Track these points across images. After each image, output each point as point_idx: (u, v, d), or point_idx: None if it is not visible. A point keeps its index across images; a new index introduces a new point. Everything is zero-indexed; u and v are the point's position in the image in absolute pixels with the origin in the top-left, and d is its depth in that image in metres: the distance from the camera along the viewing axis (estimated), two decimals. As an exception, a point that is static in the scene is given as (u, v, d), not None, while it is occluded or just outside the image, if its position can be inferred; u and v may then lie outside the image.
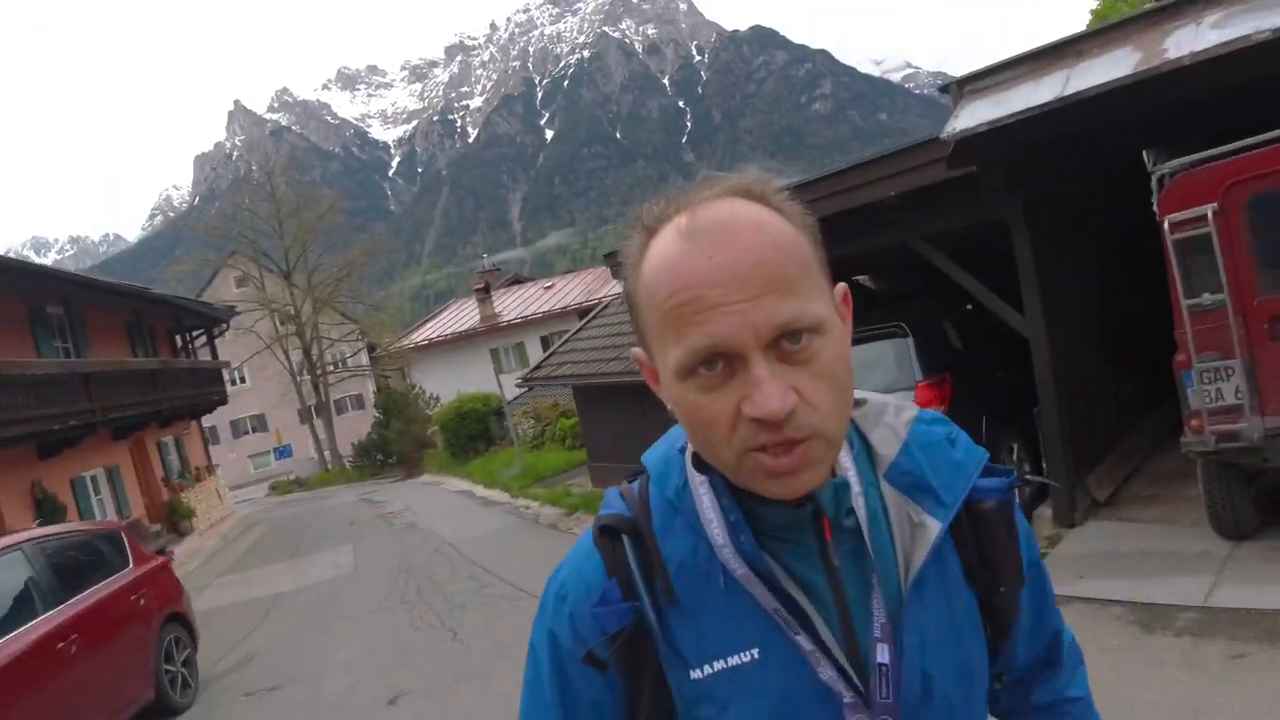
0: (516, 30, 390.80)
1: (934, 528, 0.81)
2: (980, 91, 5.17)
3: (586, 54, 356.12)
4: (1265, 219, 4.11)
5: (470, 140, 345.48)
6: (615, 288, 36.45)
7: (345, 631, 7.63)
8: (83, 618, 4.97)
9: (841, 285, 0.79)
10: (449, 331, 37.96)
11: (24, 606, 4.67)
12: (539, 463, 17.33)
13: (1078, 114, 4.68)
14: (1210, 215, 4.09)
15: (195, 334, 19.94)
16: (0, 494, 10.90)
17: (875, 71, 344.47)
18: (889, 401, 0.88)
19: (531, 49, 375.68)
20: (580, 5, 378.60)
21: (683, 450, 0.86)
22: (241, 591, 10.61)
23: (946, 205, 5.72)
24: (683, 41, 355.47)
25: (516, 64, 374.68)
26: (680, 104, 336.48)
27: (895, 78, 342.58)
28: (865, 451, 0.85)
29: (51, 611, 4.79)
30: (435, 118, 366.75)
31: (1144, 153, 4.47)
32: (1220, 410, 4.32)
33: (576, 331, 15.02)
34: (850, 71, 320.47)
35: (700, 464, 0.82)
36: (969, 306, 6.67)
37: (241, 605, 9.66)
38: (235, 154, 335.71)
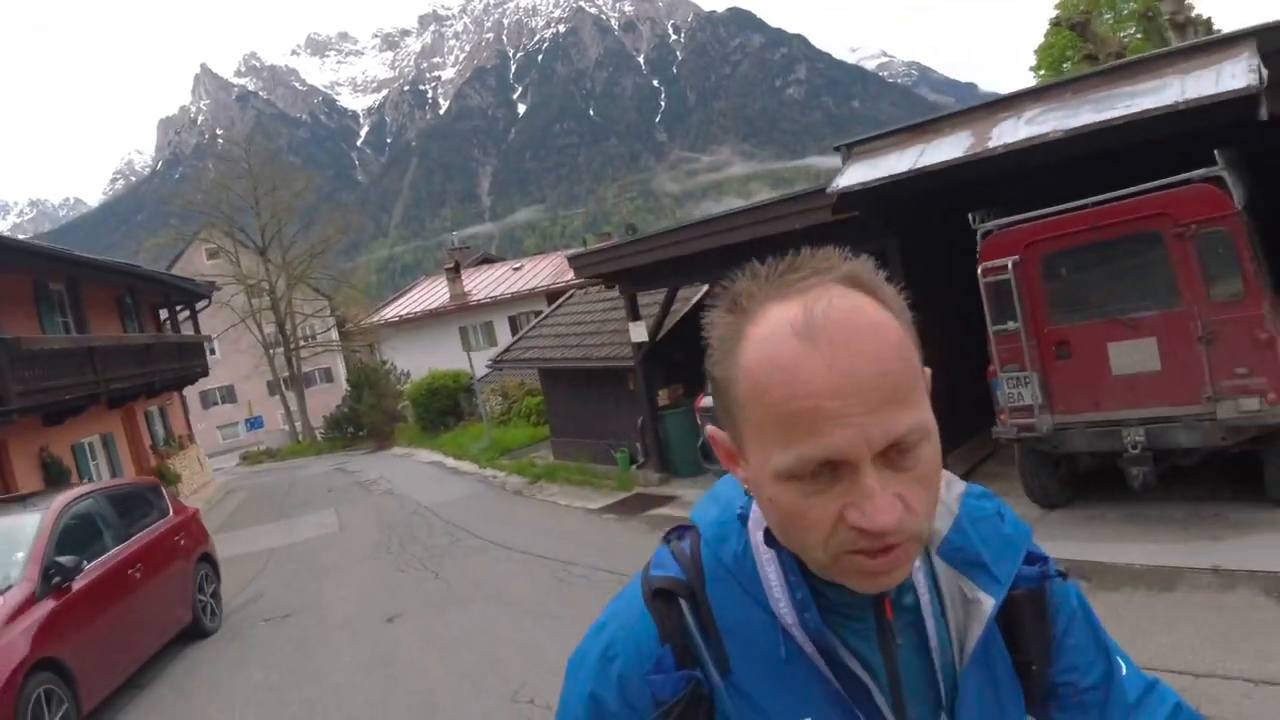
0: (491, 2, 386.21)
1: (988, 604, 0.81)
2: (862, 156, 6.60)
3: (562, 28, 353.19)
4: (1051, 270, 5.57)
5: (441, 112, 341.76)
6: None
7: (340, 575, 8.96)
8: (142, 552, 6.23)
9: (927, 371, 0.75)
10: (419, 309, 38.88)
11: (101, 539, 5.93)
12: (506, 437, 18.66)
13: (934, 177, 6.11)
14: (1011, 265, 5.55)
15: (179, 308, 20.89)
16: (15, 456, 12.02)
17: (850, 59, 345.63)
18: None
19: (506, 21, 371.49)
20: None
21: (741, 516, 0.85)
22: (236, 547, 11.82)
23: (839, 238, 7.03)
24: (659, 20, 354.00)
25: (490, 36, 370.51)
26: (655, 83, 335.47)
27: (870, 65, 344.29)
28: None
29: (121, 545, 6.06)
30: (406, 88, 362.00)
31: (970, 214, 5.91)
32: (1021, 408, 5.80)
33: (543, 318, 16.33)
34: (825, 58, 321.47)
35: (770, 539, 0.80)
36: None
37: (240, 558, 10.88)
38: (200, 119, 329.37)
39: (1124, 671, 0.92)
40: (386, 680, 5.48)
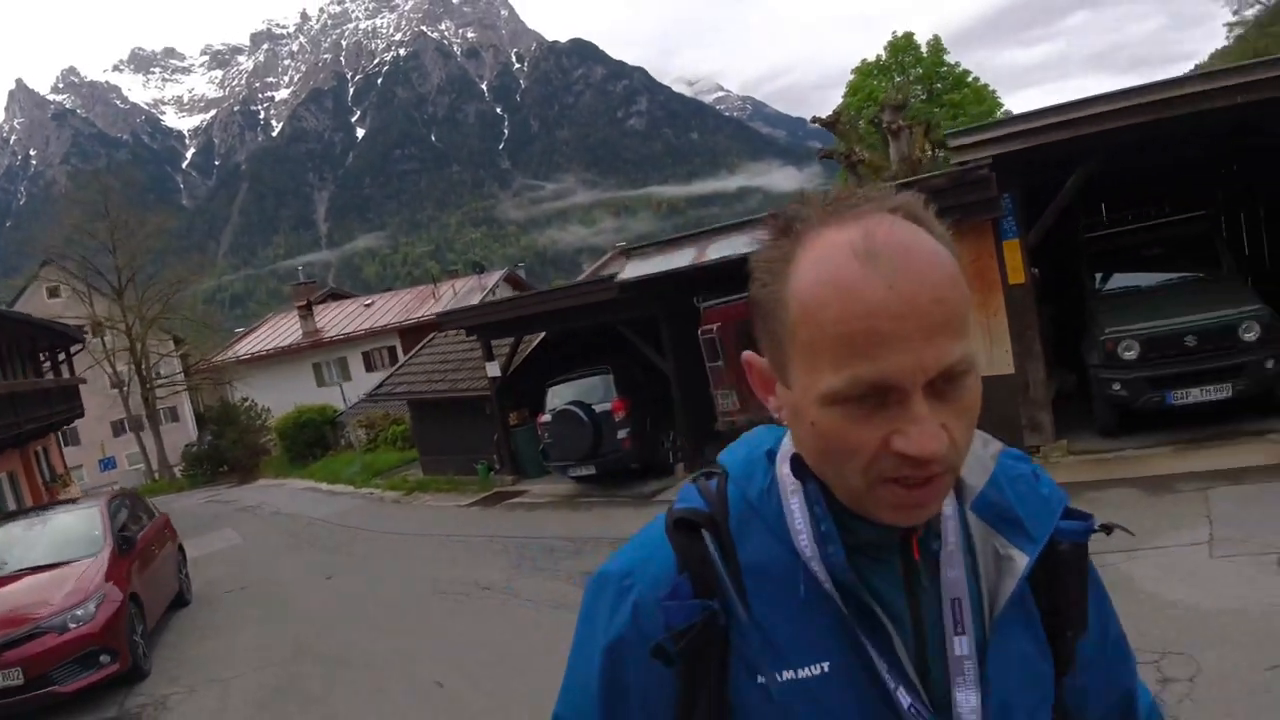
0: (330, 22, 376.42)
1: (1021, 561, 0.81)
2: (637, 256, 10.39)
3: (403, 52, 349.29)
4: (738, 335, 9.50)
5: (274, 134, 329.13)
6: (435, 307, 40.31)
7: (270, 563, 11.71)
8: (152, 535, 8.95)
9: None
10: (271, 346, 40.14)
11: (130, 526, 8.64)
12: (376, 461, 21.32)
13: (676, 274, 9.92)
14: (716, 329, 9.43)
15: (54, 352, 22.22)
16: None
17: (688, 92, 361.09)
18: (975, 433, 0.81)
19: (345, 42, 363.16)
20: (399, 2, 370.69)
21: (769, 454, 0.85)
22: (156, 558, 14.14)
23: (629, 306, 10.86)
24: (503, 48, 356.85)
25: (328, 57, 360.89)
26: (498, 110, 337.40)
27: (707, 99, 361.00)
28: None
29: (141, 530, 8.80)
30: (236, 108, 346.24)
31: (694, 298, 9.76)
32: (729, 411, 9.67)
33: (411, 358, 19.38)
34: (665, 90, 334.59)
35: (798, 471, 0.80)
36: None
37: (166, 563, 13.28)
38: (13, 138, 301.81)
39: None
40: (342, 608, 8.56)
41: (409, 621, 7.39)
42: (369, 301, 44.91)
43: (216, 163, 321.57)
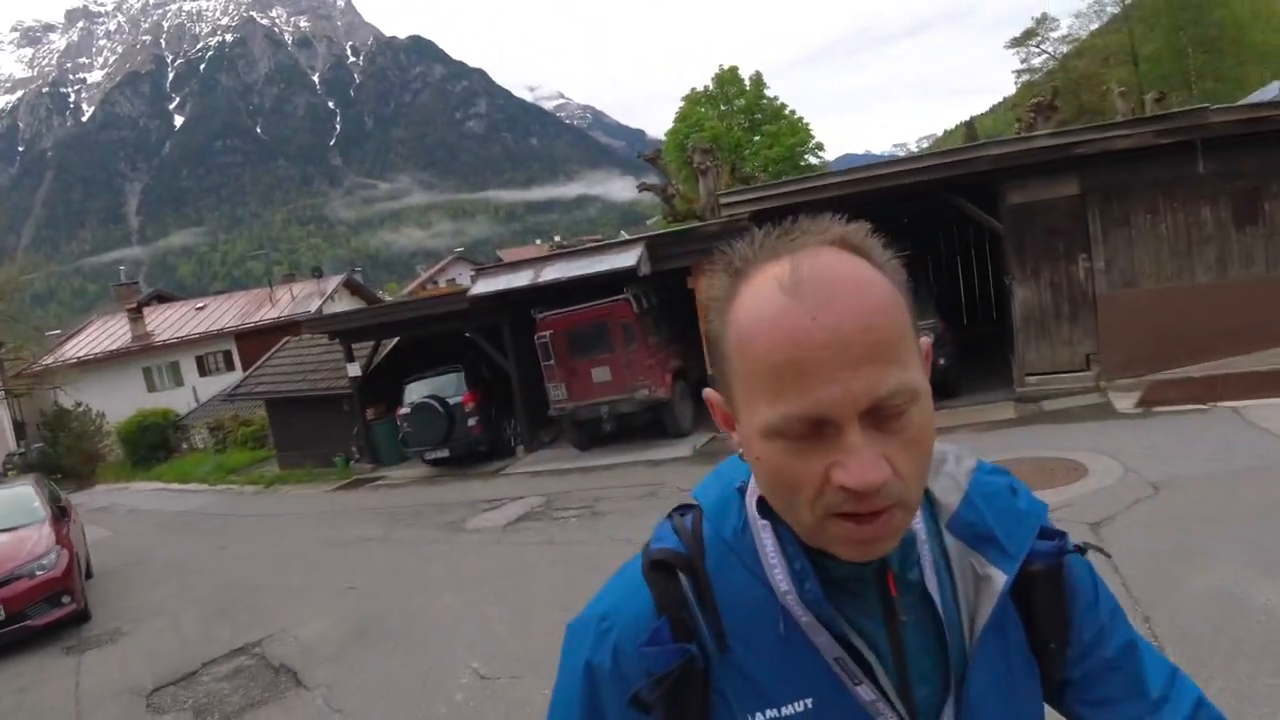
0: (152, 2, 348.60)
1: (999, 579, 0.81)
2: (486, 274, 12.74)
3: (229, 38, 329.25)
4: (568, 336, 12.02)
5: (84, 119, 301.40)
6: (272, 312, 40.39)
7: (151, 548, 13.05)
8: (68, 509, 10.37)
9: (925, 340, 0.76)
10: (98, 350, 38.83)
11: (54, 501, 10.00)
12: (228, 461, 22.25)
13: (518, 290, 12.33)
14: (549, 335, 11.94)
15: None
16: None
17: (529, 97, 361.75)
18: (949, 451, 0.86)
19: (166, 24, 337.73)
20: None
21: (741, 490, 0.85)
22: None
23: (479, 316, 13.19)
24: (337, 39, 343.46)
25: (147, 39, 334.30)
26: (330, 104, 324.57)
27: (548, 105, 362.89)
28: (928, 502, 0.84)
29: (60, 504, 10.18)
30: (45, 89, 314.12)
31: (531, 310, 12.22)
32: (560, 400, 12.20)
33: (266, 360, 20.59)
34: (505, 94, 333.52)
35: (765, 509, 0.80)
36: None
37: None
38: None
39: (1142, 651, 0.90)
40: (246, 564, 10.32)
41: (309, 563, 9.39)
42: (201, 305, 44.09)
43: (20, 149, 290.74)
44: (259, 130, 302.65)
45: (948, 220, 14.80)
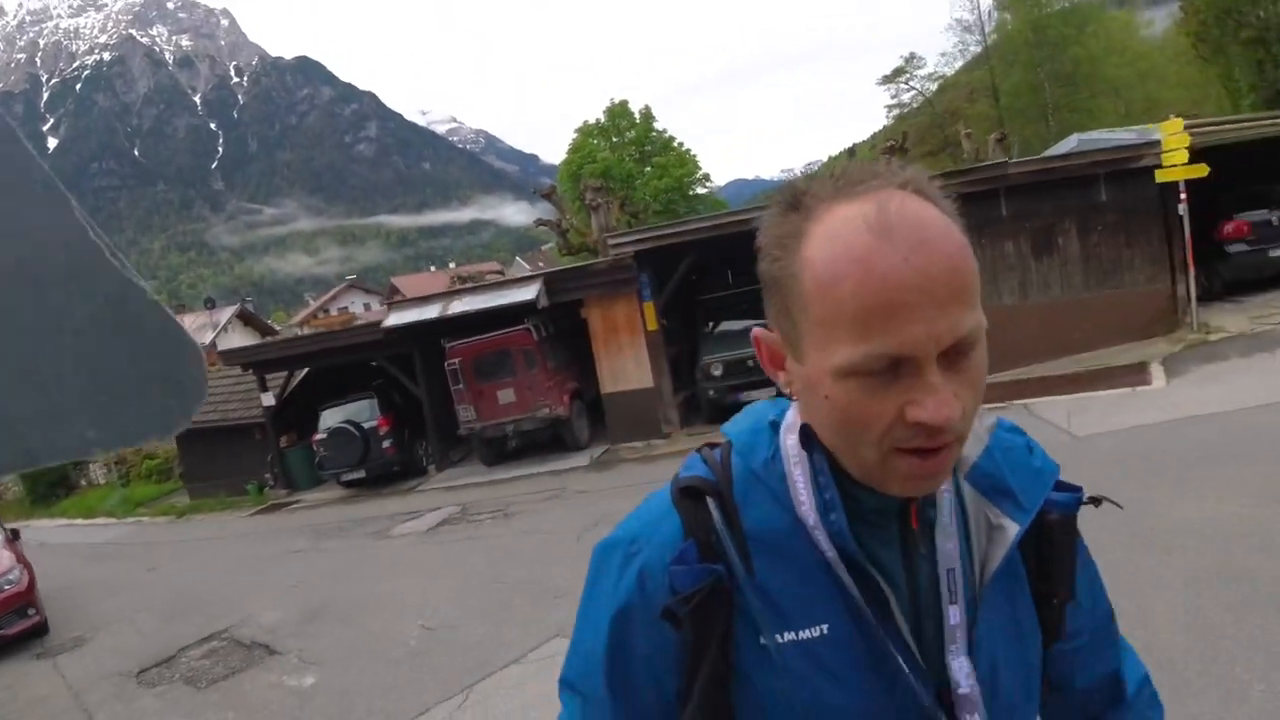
0: (28, 18, 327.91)
1: (1012, 530, 0.84)
2: (399, 307, 14.07)
3: (108, 56, 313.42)
4: (475, 363, 13.48)
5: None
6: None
7: (75, 573, 13.66)
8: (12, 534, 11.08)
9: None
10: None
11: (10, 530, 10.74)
12: (135, 494, 22.44)
13: (429, 323, 13.71)
14: (458, 362, 13.37)
15: None
16: None
17: (421, 121, 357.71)
18: None
19: (43, 42, 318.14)
20: (107, 2, 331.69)
21: (773, 424, 0.88)
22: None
23: (391, 346, 14.48)
24: (220, 59, 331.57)
25: (22, 56, 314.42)
26: (212, 126, 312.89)
27: (441, 129, 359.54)
28: None
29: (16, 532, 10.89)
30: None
31: (441, 339, 13.63)
32: (468, 420, 13.61)
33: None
34: (397, 118, 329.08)
35: (805, 443, 0.83)
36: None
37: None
38: None
39: (1116, 625, 0.99)
40: (183, 579, 11.25)
41: (250, 571, 10.49)
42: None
43: None
44: (137, 153, 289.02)
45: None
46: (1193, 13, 18.63)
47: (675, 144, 46.84)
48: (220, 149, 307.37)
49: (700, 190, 45.89)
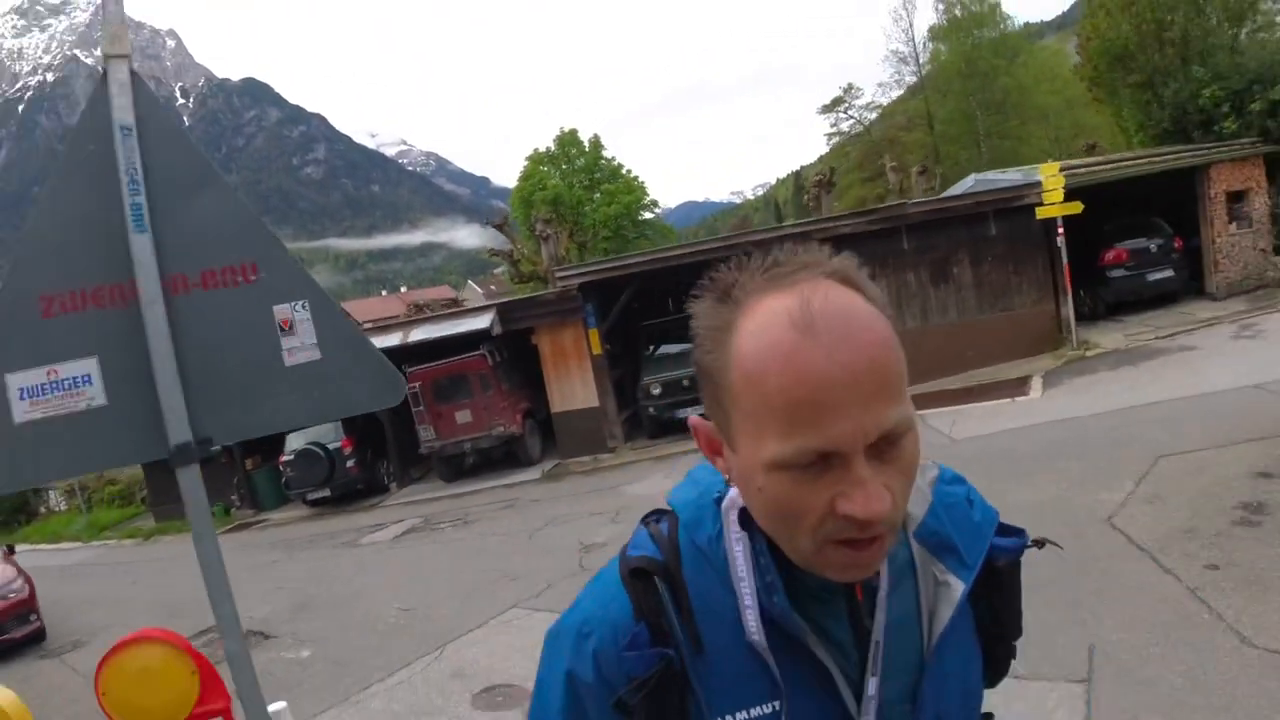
0: None
1: (958, 587, 0.87)
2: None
3: (51, 77, 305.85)
4: (435, 388, 14.63)
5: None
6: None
7: (56, 591, 14.33)
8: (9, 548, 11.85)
9: None
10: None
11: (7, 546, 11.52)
12: (99, 519, 22.95)
13: (388, 351, 14.83)
14: (418, 385, 14.51)
15: None
16: None
17: (371, 143, 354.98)
18: None
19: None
20: (51, 22, 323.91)
21: (717, 500, 0.88)
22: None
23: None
24: (166, 80, 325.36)
25: None
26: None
27: (390, 152, 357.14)
28: None
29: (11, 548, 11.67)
30: None
31: (400, 365, 14.78)
32: (428, 440, 14.74)
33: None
34: (345, 140, 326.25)
35: (745, 522, 0.84)
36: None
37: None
38: None
39: None
40: (169, 589, 12.13)
41: (232, 578, 11.41)
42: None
43: None
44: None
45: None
46: (1087, 59, 20.70)
47: (624, 171, 48.18)
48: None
49: (648, 215, 47.34)
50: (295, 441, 16.34)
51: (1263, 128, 15.98)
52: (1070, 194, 13.18)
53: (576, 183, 46.34)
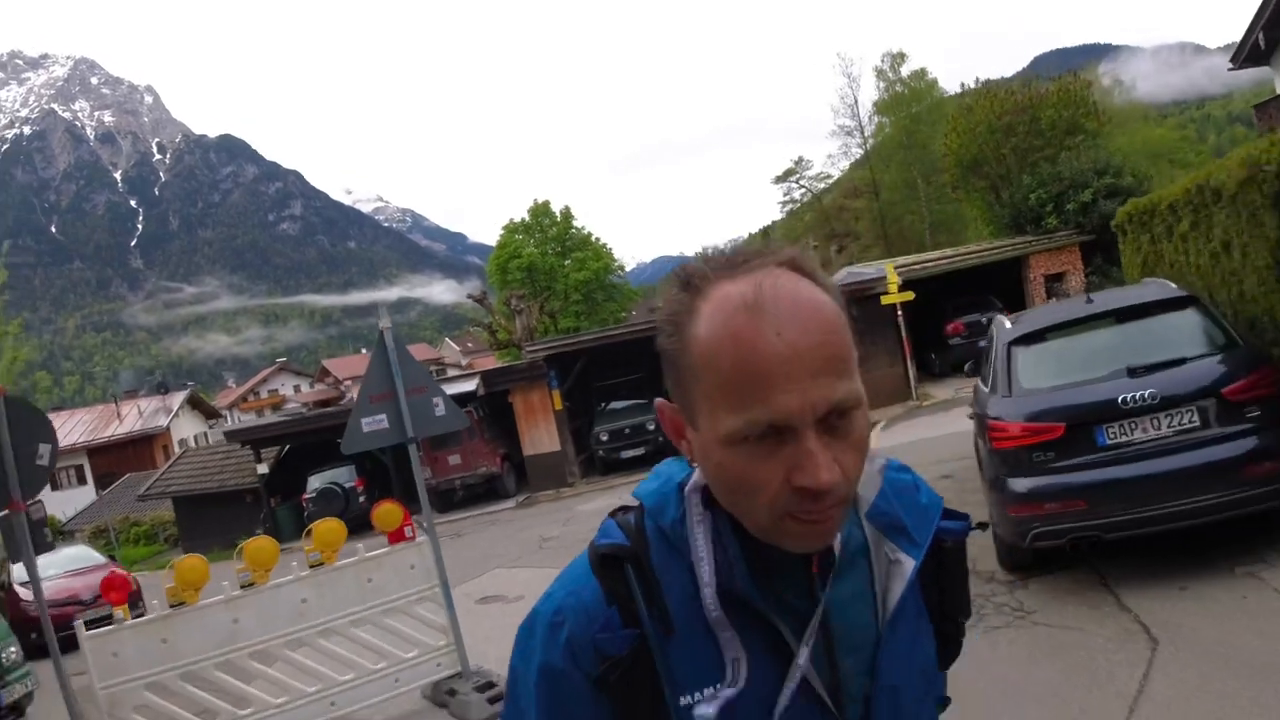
0: None
1: (909, 564, 0.92)
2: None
3: (28, 130, 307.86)
4: (432, 439, 18.74)
5: None
6: (121, 427, 42.72)
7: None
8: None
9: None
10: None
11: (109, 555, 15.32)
12: (126, 555, 26.40)
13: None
14: (420, 435, 18.63)
15: None
16: None
17: (347, 199, 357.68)
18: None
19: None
20: (30, 75, 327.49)
21: (680, 486, 0.92)
22: None
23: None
24: (143, 136, 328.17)
25: None
26: (132, 203, 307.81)
27: (366, 208, 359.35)
28: None
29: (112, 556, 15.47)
30: None
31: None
32: (426, 478, 18.80)
33: (170, 466, 25.46)
34: (322, 196, 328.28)
35: (707, 502, 0.88)
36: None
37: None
38: None
39: None
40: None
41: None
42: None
43: None
44: (54, 229, 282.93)
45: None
46: (947, 169, 25.69)
47: (593, 239, 52.28)
48: (140, 226, 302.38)
49: (615, 280, 51.35)
50: (317, 481, 20.28)
51: (1078, 222, 20.88)
52: (918, 283, 17.74)
53: (549, 250, 50.41)
